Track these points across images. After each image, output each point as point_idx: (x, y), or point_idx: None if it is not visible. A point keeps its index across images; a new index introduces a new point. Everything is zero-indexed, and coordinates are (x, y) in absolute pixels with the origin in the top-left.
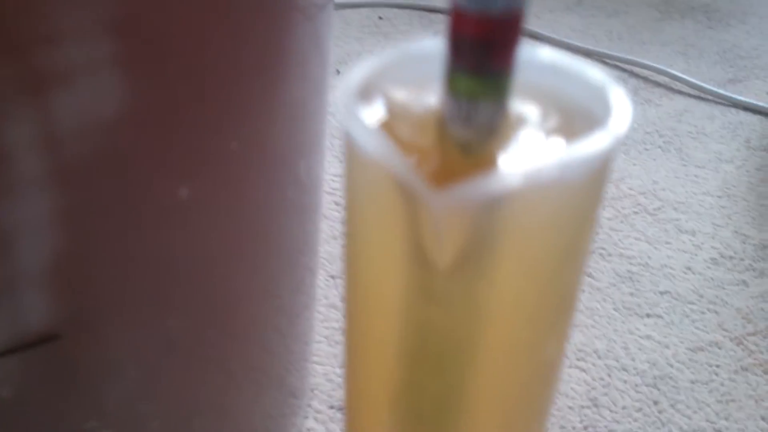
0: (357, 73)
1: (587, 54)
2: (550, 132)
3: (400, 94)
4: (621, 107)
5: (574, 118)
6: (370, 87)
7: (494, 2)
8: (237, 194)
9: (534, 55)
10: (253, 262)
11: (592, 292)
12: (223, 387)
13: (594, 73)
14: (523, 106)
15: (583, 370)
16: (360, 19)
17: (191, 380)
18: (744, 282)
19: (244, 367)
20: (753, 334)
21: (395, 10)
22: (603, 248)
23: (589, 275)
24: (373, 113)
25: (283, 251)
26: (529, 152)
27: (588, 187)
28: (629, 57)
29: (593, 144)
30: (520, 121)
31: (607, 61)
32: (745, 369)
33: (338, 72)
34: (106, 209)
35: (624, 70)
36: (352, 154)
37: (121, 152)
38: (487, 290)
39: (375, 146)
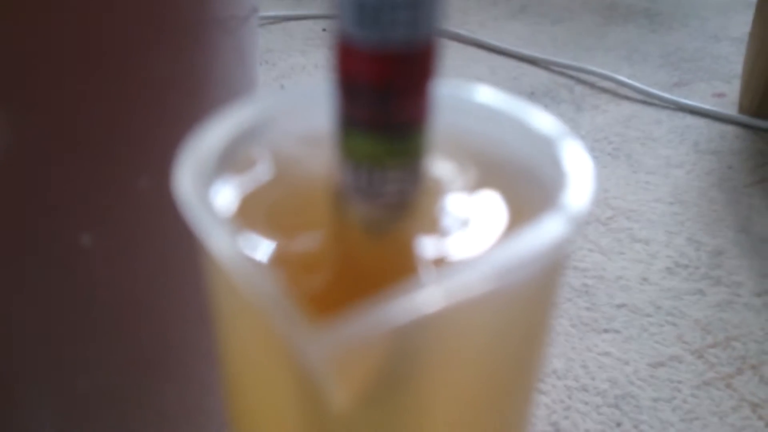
0: (220, 127)
1: (533, 62)
2: (483, 202)
3: (292, 151)
4: (578, 171)
5: (517, 181)
6: (249, 143)
7: (393, 31)
8: (152, 235)
9: (458, 96)
10: (182, 297)
11: None
12: None
13: (538, 118)
14: (444, 167)
15: (543, 393)
16: (303, 32)
17: None
18: (701, 291)
19: (182, 408)
20: (713, 346)
21: None
22: None
23: None
24: (241, 185)
25: None
26: (458, 238)
27: (539, 287)
28: (575, 63)
29: (545, 231)
30: (443, 188)
31: (553, 68)
32: (707, 384)
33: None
34: None
35: (570, 77)
36: (204, 251)
37: None
38: (406, 429)
39: (225, 249)
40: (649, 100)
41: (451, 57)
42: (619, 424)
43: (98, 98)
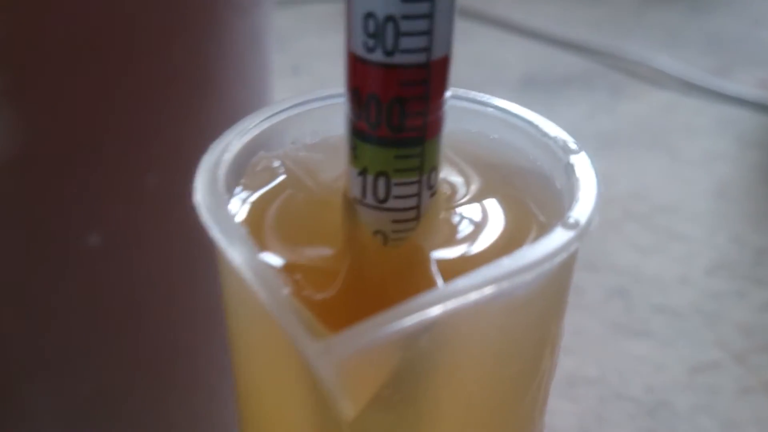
0: (236, 136)
1: (566, 45)
2: (493, 211)
3: (303, 159)
4: (585, 184)
5: (529, 189)
6: (260, 151)
7: (402, 53)
8: (161, 233)
9: (468, 104)
10: (190, 299)
11: (579, 310)
12: None
13: (547, 126)
14: (456, 176)
15: (573, 401)
16: (318, 14)
17: None
18: (743, 293)
19: (187, 416)
20: (754, 351)
21: None
22: (589, 260)
23: (576, 292)
24: (253, 193)
25: None
26: (469, 248)
27: (546, 294)
28: (611, 49)
29: (549, 243)
30: (454, 197)
31: (588, 53)
32: (747, 390)
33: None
34: None
35: (606, 63)
36: (220, 254)
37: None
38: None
39: (243, 260)
40: (690, 88)
41: (477, 40)
42: None
43: (108, 92)
